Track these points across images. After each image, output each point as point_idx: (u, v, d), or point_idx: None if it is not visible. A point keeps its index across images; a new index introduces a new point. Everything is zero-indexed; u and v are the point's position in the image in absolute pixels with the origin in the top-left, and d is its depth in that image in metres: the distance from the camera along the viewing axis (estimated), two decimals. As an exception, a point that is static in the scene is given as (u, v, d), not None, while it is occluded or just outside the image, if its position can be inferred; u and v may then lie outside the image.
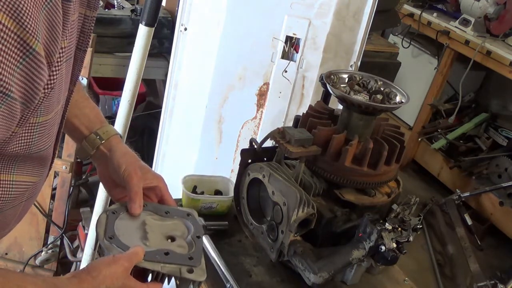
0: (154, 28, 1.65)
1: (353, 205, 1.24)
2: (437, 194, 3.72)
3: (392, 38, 4.13)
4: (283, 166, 1.26)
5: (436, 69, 3.82)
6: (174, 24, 2.06)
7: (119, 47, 2.33)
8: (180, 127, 2.11)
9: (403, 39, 3.96)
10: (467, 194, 3.42)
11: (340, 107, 1.31)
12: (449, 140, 3.74)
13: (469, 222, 3.36)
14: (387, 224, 1.14)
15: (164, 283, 0.87)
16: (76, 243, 2.28)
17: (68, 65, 0.75)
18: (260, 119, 2.10)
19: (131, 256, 0.81)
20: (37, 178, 0.82)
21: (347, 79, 1.34)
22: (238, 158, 1.30)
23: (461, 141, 3.75)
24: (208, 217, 1.36)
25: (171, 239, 0.91)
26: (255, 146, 1.28)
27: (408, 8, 3.95)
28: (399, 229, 1.15)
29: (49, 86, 0.66)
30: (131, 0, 2.68)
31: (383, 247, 1.13)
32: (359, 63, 2.17)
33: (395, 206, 1.20)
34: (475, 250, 3.22)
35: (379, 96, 1.25)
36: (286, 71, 2.01)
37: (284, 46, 1.98)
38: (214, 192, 1.50)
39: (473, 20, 3.54)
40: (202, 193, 1.47)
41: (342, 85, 1.32)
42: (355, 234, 1.19)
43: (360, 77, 1.35)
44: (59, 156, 2.13)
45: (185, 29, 1.97)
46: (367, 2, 2.05)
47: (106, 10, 2.41)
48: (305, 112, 1.35)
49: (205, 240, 1.27)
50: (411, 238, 1.16)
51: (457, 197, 3.41)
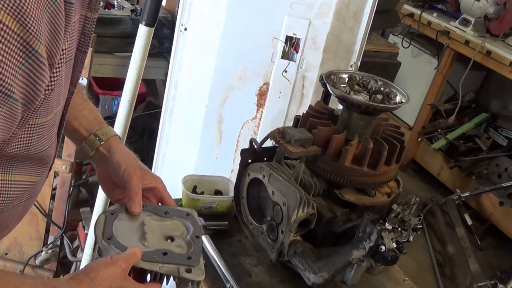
0: (154, 28, 1.65)
1: (353, 205, 1.24)
2: (437, 194, 3.71)
3: (392, 38, 4.13)
4: (283, 166, 1.26)
5: (436, 69, 3.82)
6: (174, 24, 2.06)
7: (119, 47, 2.33)
8: (180, 127, 2.11)
9: (403, 39, 3.96)
10: (467, 194, 3.42)
11: (340, 107, 1.31)
12: (449, 140, 3.74)
13: (469, 222, 3.36)
14: (387, 224, 1.14)
15: (164, 284, 0.87)
16: (76, 243, 2.28)
17: (69, 67, 0.75)
18: (260, 119, 2.10)
19: (129, 257, 0.81)
20: (37, 178, 0.82)
21: (347, 79, 1.34)
22: (238, 158, 1.30)
23: (461, 141, 3.76)
24: (208, 217, 1.36)
25: (170, 239, 0.91)
26: (255, 146, 1.28)
27: (408, 8, 3.95)
28: (399, 229, 1.15)
29: (50, 88, 0.66)
30: (131, 0, 2.68)
31: (383, 247, 1.13)
32: (359, 63, 2.17)
33: (395, 206, 1.20)
34: (475, 250, 3.22)
35: (379, 96, 1.25)
36: (286, 71, 2.01)
37: (284, 46, 1.98)
38: (214, 192, 1.50)
39: (473, 20, 3.54)
40: (202, 193, 1.47)
41: (342, 85, 1.32)
42: (355, 234, 1.19)
43: (360, 77, 1.35)
44: (59, 156, 2.13)
45: (185, 29, 1.96)
46: (367, 2, 2.05)
47: (106, 10, 2.41)
48: (305, 112, 1.35)
49: (205, 240, 1.27)
50: (411, 238, 1.16)
51: (457, 197, 3.41)
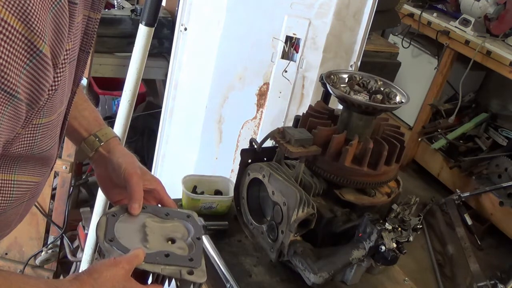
0: (154, 28, 1.65)
1: (353, 205, 1.24)
2: (437, 194, 3.72)
3: (392, 38, 4.13)
4: (283, 166, 1.26)
5: (436, 69, 3.82)
6: (174, 24, 2.06)
7: (119, 47, 2.33)
8: (180, 127, 2.11)
9: (403, 39, 3.96)
10: (467, 194, 3.42)
11: (340, 107, 1.31)
12: (449, 140, 3.74)
13: (469, 222, 3.36)
14: (387, 224, 1.14)
15: (165, 285, 0.87)
16: (76, 243, 2.28)
17: (72, 67, 0.75)
18: (260, 119, 2.10)
19: (132, 259, 0.81)
20: (39, 178, 0.82)
21: (347, 79, 1.34)
22: (238, 158, 1.30)
23: (461, 141, 3.75)
24: (208, 217, 1.36)
25: (171, 241, 0.91)
26: (255, 146, 1.28)
27: (408, 8, 3.95)
28: (399, 229, 1.15)
29: (54, 88, 0.66)
30: (131, 0, 2.68)
31: (383, 247, 1.13)
32: (359, 63, 2.17)
33: (395, 206, 1.20)
34: (475, 250, 3.22)
35: (379, 96, 1.25)
36: (286, 71, 2.01)
37: (284, 46, 1.98)
38: (214, 192, 1.50)
39: (473, 20, 3.54)
40: (202, 193, 1.47)
41: (342, 85, 1.32)
42: (355, 234, 1.19)
43: (360, 77, 1.35)
44: (59, 156, 2.13)
45: (185, 29, 1.96)
46: (367, 2, 2.05)
47: (106, 10, 2.41)
48: (305, 112, 1.35)
49: (205, 240, 1.27)
50: (411, 238, 1.16)
51: (457, 197, 3.41)
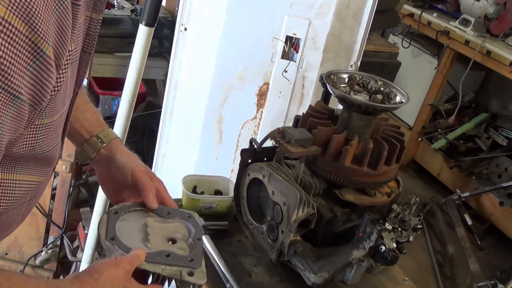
0: (154, 28, 1.65)
1: (353, 205, 1.24)
2: (437, 194, 3.72)
3: (392, 38, 4.13)
4: (283, 166, 1.26)
5: (436, 69, 3.82)
6: (174, 24, 2.06)
7: (119, 47, 2.33)
8: (180, 127, 2.11)
9: (403, 39, 3.96)
10: (467, 194, 3.42)
11: (340, 107, 1.31)
12: (449, 140, 3.74)
13: (469, 222, 3.36)
14: (387, 224, 1.14)
15: (165, 285, 0.87)
16: (76, 243, 2.28)
17: (74, 68, 0.75)
18: (260, 119, 2.10)
19: (133, 259, 0.81)
20: (41, 178, 0.82)
21: (347, 79, 1.34)
22: (238, 158, 1.30)
23: (461, 141, 3.75)
24: (208, 217, 1.36)
25: (172, 241, 0.91)
26: (255, 146, 1.28)
27: (408, 8, 3.95)
28: (399, 229, 1.15)
29: (56, 89, 0.66)
30: (131, 0, 2.68)
31: (383, 247, 1.13)
32: (359, 63, 2.17)
33: (395, 206, 1.20)
34: (475, 250, 3.22)
35: (379, 96, 1.25)
36: (286, 71, 2.01)
37: (284, 46, 1.98)
38: (214, 192, 1.50)
39: (473, 20, 3.54)
40: (202, 193, 1.47)
41: (342, 85, 1.32)
42: (355, 234, 1.19)
43: (360, 77, 1.35)
44: (59, 156, 2.13)
45: (185, 29, 1.96)
46: (367, 2, 2.05)
47: (106, 10, 2.41)
48: (305, 112, 1.35)
49: (205, 240, 1.27)
50: (411, 238, 1.16)
51: (457, 197, 3.41)
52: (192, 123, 2.11)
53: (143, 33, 1.64)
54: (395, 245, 1.14)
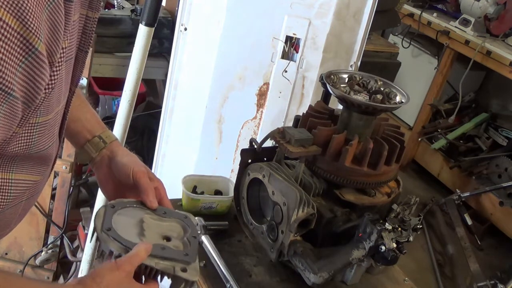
0: (154, 28, 1.65)
1: (353, 205, 1.24)
2: (437, 194, 3.71)
3: (392, 38, 4.13)
4: (283, 166, 1.26)
5: (436, 69, 3.82)
6: (174, 24, 2.06)
7: (119, 47, 2.33)
8: (180, 127, 2.11)
9: (403, 39, 3.96)
10: (467, 194, 3.42)
11: (340, 107, 1.31)
12: (449, 140, 3.74)
13: (469, 222, 3.36)
14: (387, 224, 1.14)
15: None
16: (76, 243, 2.29)
17: (69, 66, 0.75)
18: (260, 119, 2.10)
19: (133, 259, 0.81)
20: (38, 177, 0.82)
21: (347, 79, 1.34)
22: (238, 158, 1.30)
23: (461, 141, 3.75)
24: (208, 217, 1.36)
25: (167, 239, 0.91)
26: (255, 146, 1.28)
27: (408, 8, 3.95)
28: (399, 229, 1.15)
29: (50, 86, 0.66)
30: (131, 0, 2.68)
31: (383, 247, 1.13)
32: (359, 63, 2.17)
33: (395, 206, 1.20)
34: (475, 250, 3.22)
35: (379, 96, 1.25)
36: (286, 71, 2.01)
37: (284, 46, 1.98)
38: (214, 192, 1.50)
39: (473, 20, 3.54)
40: (202, 193, 1.47)
41: (342, 85, 1.32)
42: (355, 234, 1.19)
43: (360, 77, 1.35)
44: (59, 156, 2.13)
45: (185, 29, 1.96)
46: (367, 2, 2.05)
47: (106, 10, 2.41)
48: (305, 112, 1.35)
49: (205, 240, 1.27)
50: (411, 238, 1.16)
51: (457, 197, 3.41)
52: (192, 123, 2.11)
53: (143, 33, 1.64)
54: (395, 245, 1.14)
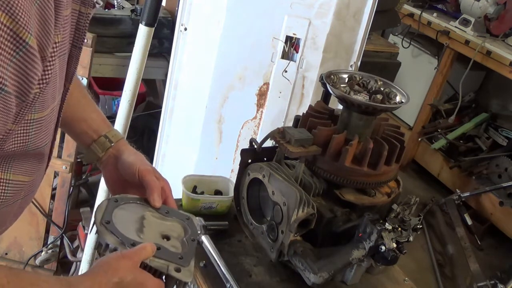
0: (154, 28, 1.65)
1: (353, 205, 1.24)
2: (437, 194, 3.72)
3: (392, 38, 4.13)
4: (283, 166, 1.26)
5: (436, 69, 3.82)
6: (174, 24, 2.07)
7: (119, 47, 2.33)
8: (180, 127, 2.11)
9: (403, 39, 3.96)
10: (467, 194, 3.42)
11: (340, 107, 1.31)
12: (449, 140, 3.74)
13: (469, 222, 3.36)
14: (387, 224, 1.14)
15: None
16: (76, 243, 2.28)
17: (63, 61, 0.75)
18: (260, 119, 2.10)
19: (139, 251, 0.82)
20: (33, 176, 0.82)
21: (347, 79, 1.34)
22: (238, 158, 1.30)
23: (461, 141, 3.75)
24: (208, 217, 1.36)
25: (166, 238, 0.91)
26: (255, 146, 1.28)
27: (408, 8, 3.95)
28: (399, 229, 1.15)
29: (44, 81, 0.66)
30: (131, 0, 2.68)
31: (383, 247, 1.13)
32: (359, 63, 2.17)
33: (395, 206, 1.20)
34: (475, 250, 3.22)
35: (379, 96, 1.25)
36: (286, 71, 2.01)
37: (284, 46, 1.98)
38: (214, 192, 1.50)
39: (473, 20, 3.54)
40: (202, 193, 1.47)
41: (342, 85, 1.32)
42: (355, 234, 1.19)
43: (360, 77, 1.35)
44: (59, 156, 2.13)
45: (185, 29, 1.97)
46: (367, 2, 2.05)
47: (106, 10, 2.41)
48: (305, 112, 1.35)
49: (205, 240, 1.27)
50: (411, 238, 1.16)
51: (457, 197, 3.41)
52: (192, 123, 2.11)
53: (143, 33, 1.64)
54: (395, 245, 1.14)
